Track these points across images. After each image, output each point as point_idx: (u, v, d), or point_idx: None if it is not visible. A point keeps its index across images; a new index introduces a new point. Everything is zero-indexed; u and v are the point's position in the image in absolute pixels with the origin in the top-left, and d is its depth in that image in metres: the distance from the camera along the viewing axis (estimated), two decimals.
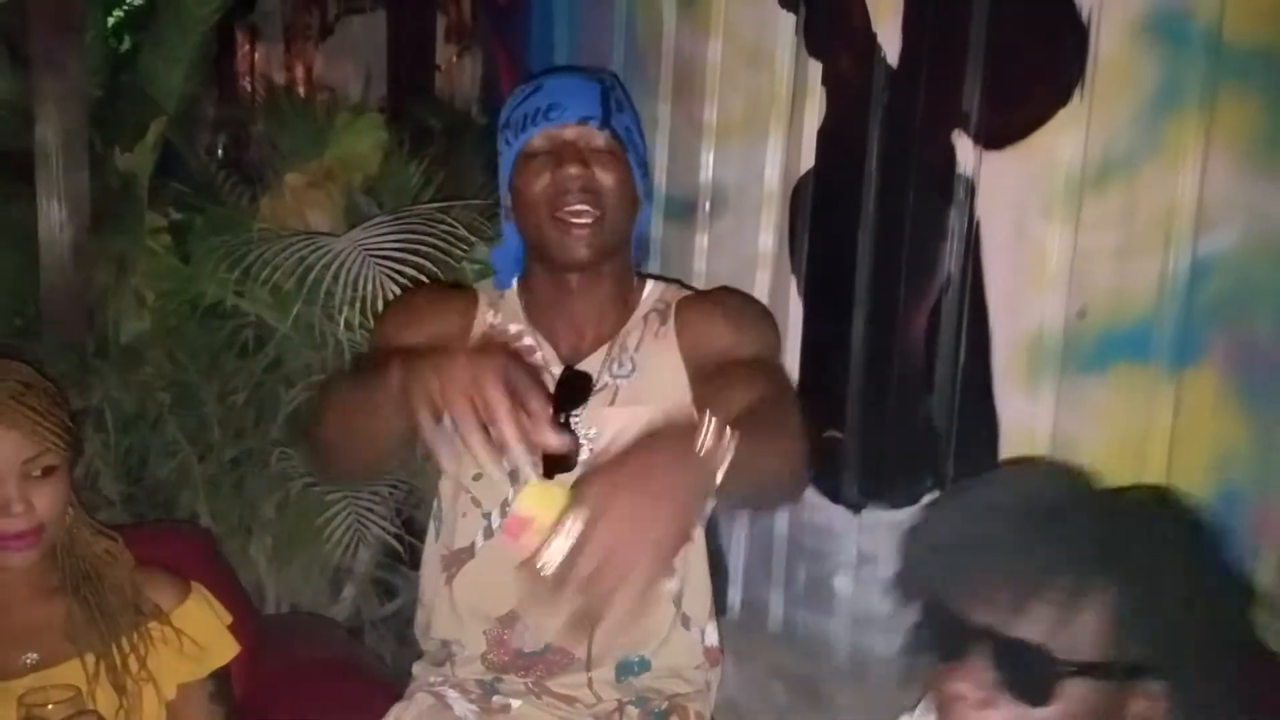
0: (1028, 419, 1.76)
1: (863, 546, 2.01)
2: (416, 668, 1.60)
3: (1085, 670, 1.00)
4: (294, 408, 2.19)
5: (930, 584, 1.10)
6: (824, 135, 2.00)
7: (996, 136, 1.77)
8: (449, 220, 2.07)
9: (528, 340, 1.56)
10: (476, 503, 1.51)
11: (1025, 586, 1.01)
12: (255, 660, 1.70)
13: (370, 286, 1.95)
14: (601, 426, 1.49)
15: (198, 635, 1.51)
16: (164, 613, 1.50)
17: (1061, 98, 1.66)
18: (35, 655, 1.44)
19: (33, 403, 1.40)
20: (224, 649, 1.54)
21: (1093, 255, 1.66)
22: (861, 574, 2.01)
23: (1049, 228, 1.70)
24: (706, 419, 1.06)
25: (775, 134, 2.03)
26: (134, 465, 2.26)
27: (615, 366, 1.54)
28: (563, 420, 1.47)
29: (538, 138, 1.50)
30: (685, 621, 1.54)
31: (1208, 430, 1.59)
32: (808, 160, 2.03)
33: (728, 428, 1.07)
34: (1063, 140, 1.67)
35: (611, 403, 1.52)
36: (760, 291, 2.10)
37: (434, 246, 2.02)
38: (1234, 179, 1.53)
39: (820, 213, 2.04)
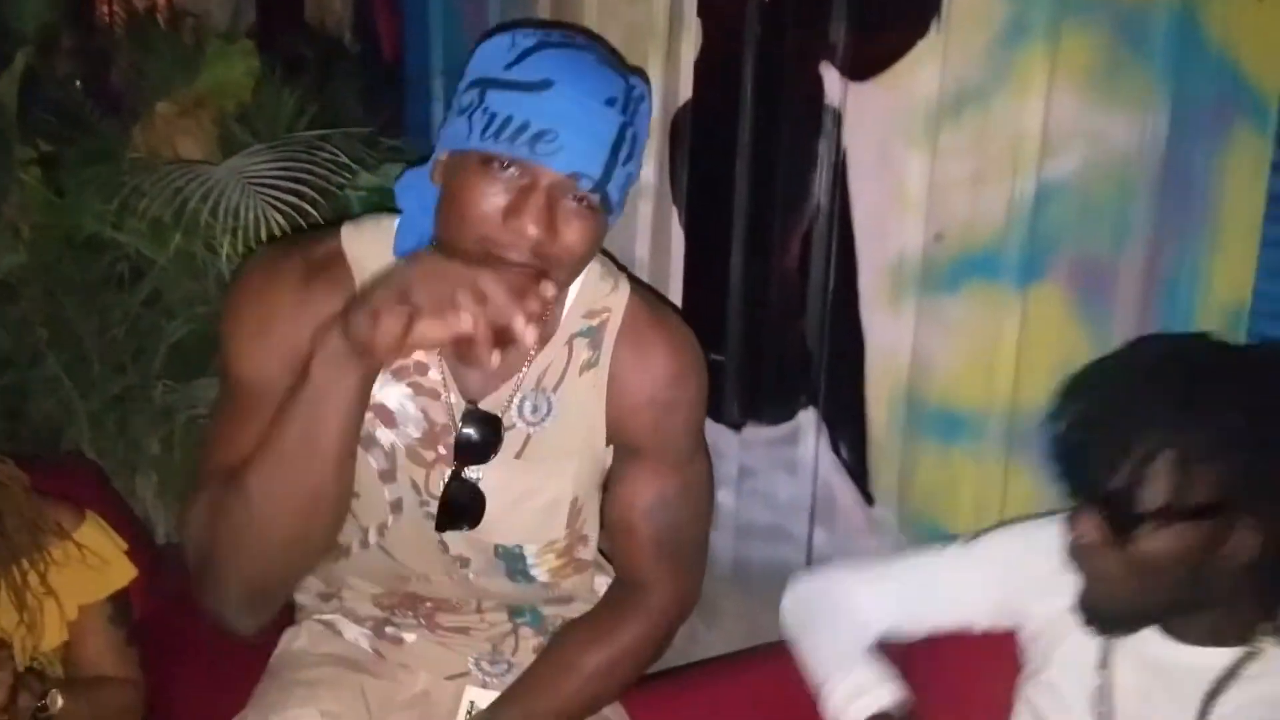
0: (891, 337, 1.85)
1: (744, 462, 2.09)
2: (302, 597, 1.47)
3: (1182, 514, 1.10)
4: (175, 340, 2.16)
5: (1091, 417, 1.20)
6: (700, 67, 2.03)
7: (861, 68, 1.82)
8: (329, 148, 2.03)
9: (418, 354, 1.26)
10: (353, 515, 1.30)
11: (1154, 440, 1.12)
12: (151, 587, 1.71)
13: (251, 215, 1.91)
14: (505, 483, 1.28)
15: (98, 554, 1.52)
16: (65, 530, 1.50)
17: (920, 30, 1.72)
18: None
19: None
20: (122, 571, 1.55)
21: (949, 182, 1.72)
22: (743, 488, 2.10)
23: (910, 156, 1.77)
24: None
25: (654, 65, 2.04)
26: (15, 402, 2.20)
27: (528, 407, 1.27)
28: (459, 475, 1.26)
29: (511, 158, 1.12)
30: (574, 596, 1.46)
31: (1051, 342, 1.67)
32: (686, 91, 2.06)
33: None
34: (921, 72, 1.73)
35: (519, 454, 1.28)
36: (643, 221, 2.14)
37: (316, 175, 1.98)
38: (1076, 108, 1.60)
39: (698, 143, 2.07)
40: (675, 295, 2.13)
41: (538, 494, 1.31)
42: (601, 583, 1.50)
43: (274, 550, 1.12)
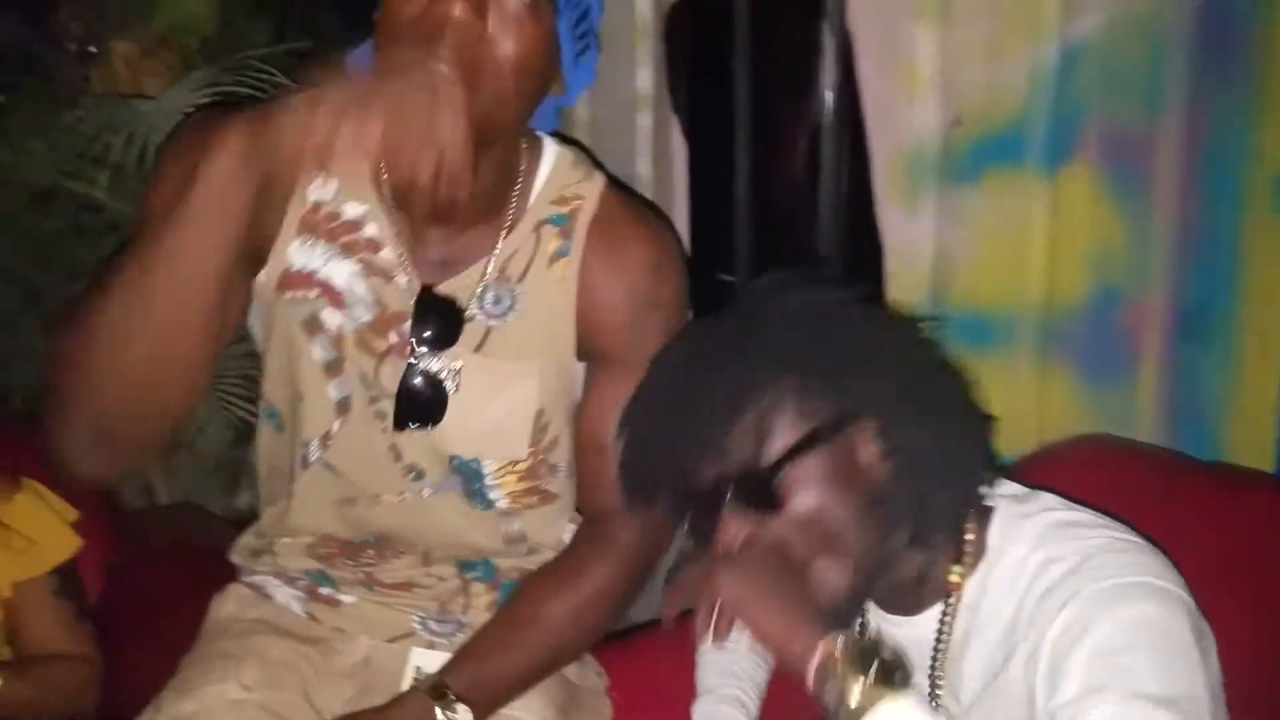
0: (910, 235, 1.74)
1: None
2: (236, 557, 1.37)
3: (796, 450, 0.99)
4: None
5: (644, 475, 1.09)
6: None
7: None
8: (291, 64, 1.89)
9: (370, 229, 1.18)
10: (293, 428, 1.24)
11: (712, 423, 1.00)
12: (113, 556, 1.64)
13: None
14: (463, 380, 1.20)
15: (30, 531, 1.45)
16: None
17: None
18: None
19: None
20: (64, 544, 1.49)
21: (963, 55, 1.62)
22: None
23: (920, 31, 1.65)
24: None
25: None
26: None
27: (490, 298, 1.20)
28: (414, 361, 1.18)
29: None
30: (533, 549, 1.33)
31: (1085, 229, 1.58)
32: None
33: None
34: None
35: (479, 348, 1.20)
36: (643, 136, 2.04)
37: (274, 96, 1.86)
38: None
39: (695, 44, 1.98)
40: (681, 213, 2.05)
41: (498, 395, 1.22)
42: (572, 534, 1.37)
43: (124, 377, 1.03)
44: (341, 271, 1.19)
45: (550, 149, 1.25)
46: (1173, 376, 1.62)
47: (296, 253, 1.19)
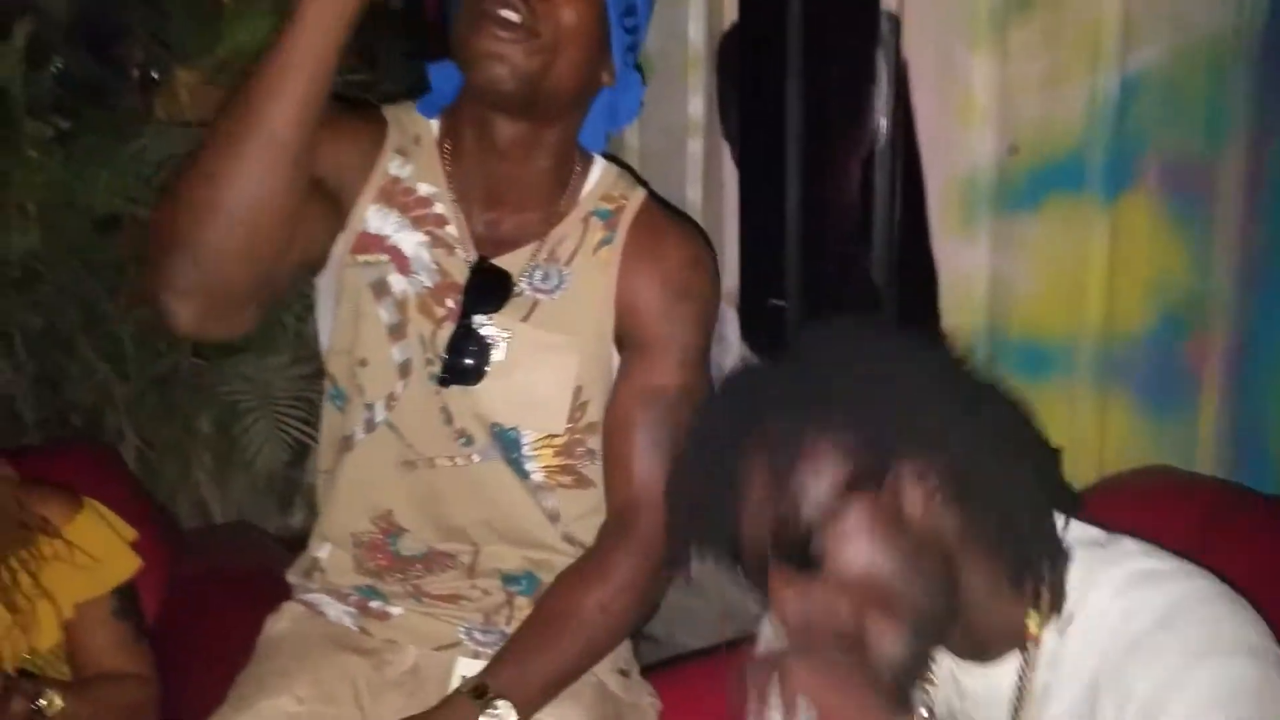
0: (966, 263, 1.73)
1: None
2: (291, 576, 1.44)
3: (836, 502, 0.94)
4: None
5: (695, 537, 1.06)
6: None
7: None
8: (351, 98, 1.93)
9: (439, 207, 1.32)
10: (359, 389, 1.33)
11: (755, 478, 0.97)
12: (170, 576, 1.66)
13: None
14: (510, 341, 1.31)
15: (93, 549, 1.47)
16: (54, 527, 1.46)
17: None
18: None
19: None
20: (124, 564, 1.51)
21: (1021, 85, 1.61)
22: None
23: (976, 60, 1.65)
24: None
25: None
26: (47, 389, 2.18)
27: (539, 275, 1.32)
28: (467, 323, 1.29)
29: None
30: (570, 539, 1.40)
31: (1145, 257, 1.57)
32: (731, 14, 1.98)
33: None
34: None
35: (527, 318, 1.31)
36: (693, 162, 2.07)
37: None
38: None
39: (747, 70, 1.98)
40: (731, 239, 2.05)
41: (540, 366, 1.32)
42: None
43: (219, 221, 1.13)
44: (410, 240, 1.31)
45: (600, 161, 1.38)
46: (1234, 407, 1.60)
47: (373, 217, 1.31)
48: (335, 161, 1.26)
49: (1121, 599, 0.94)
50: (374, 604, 1.37)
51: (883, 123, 1.81)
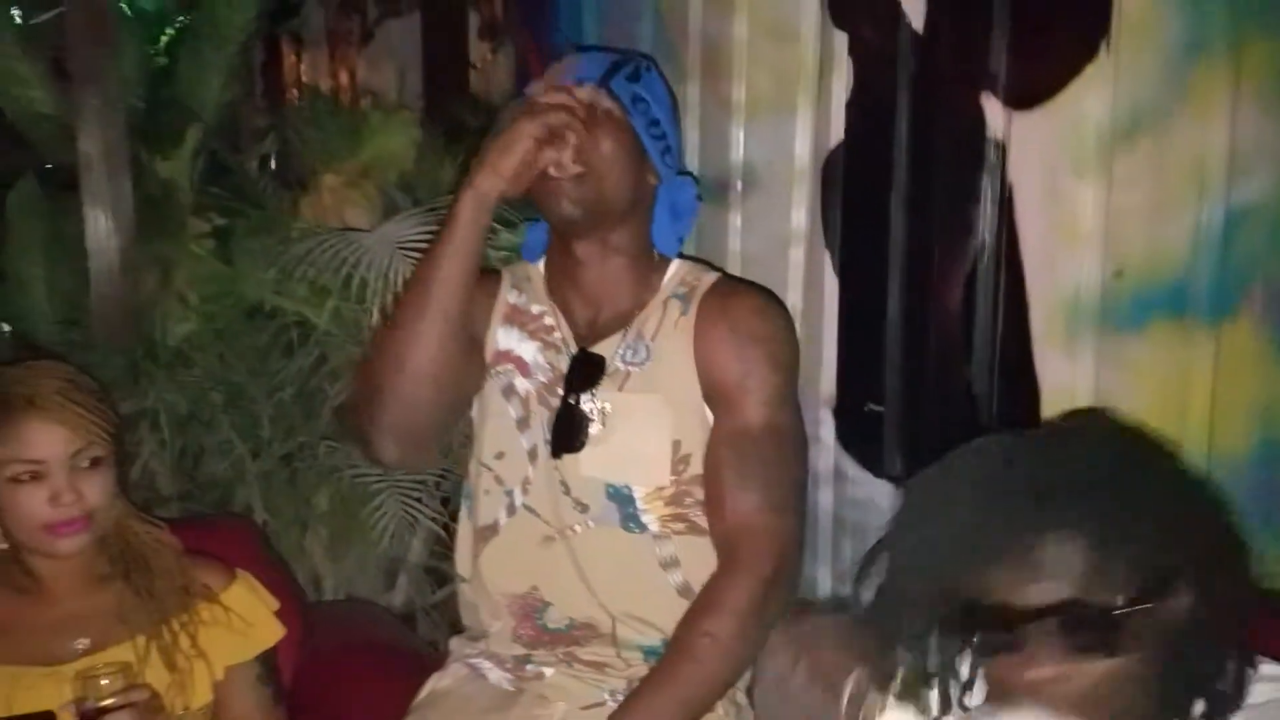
0: (1068, 380, 1.74)
1: None
2: (453, 643, 1.62)
3: (1137, 602, 0.96)
4: (340, 402, 2.23)
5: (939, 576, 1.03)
6: (853, 107, 1.98)
7: (1025, 96, 1.74)
8: None
9: (548, 320, 1.57)
10: (499, 480, 1.54)
11: (1042, 551, 0.97)
12: (303, 646, 1.73)
13: (401, 279, 1.97)
14: (609, 409, 1.50)
15: (244, 616, 1.55)
16: (213, 592, 1.54)
17: (1088, 53, 1.63)
18: (87, 640, 1.49)
19: (78, 399, 1.47)
20: (270, 631, 1.58)
21: (1126, 213, 1.63)
22: None
23: (1081, 186, 1.67)
24: None
25: (804, 108, 2.02)
26: (189, 464, 2.31)
27: (629, 352, 1.52)
28: (571, 401, 1.50)
29: (540, 94, 1.47)
30: (685, 591, 1.50)
31: (1248, 383, 1.57)
32: (837, 133, 2.01)
33: None
34: (1091, 96, 1.64)
35: (621, 388, 1.51)
36: (795, 269, 2.11)
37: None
38: (1263, 125, 1.51)
39: (852, 185, 2.02)
40: (830, 343, 2.07)
41: (639, 426, 1.50)
42: None
43: (407, 378, 1.42)
44: (528, 349, 1.57)
45: (677, 260, 1.60)
46: None
47: (501, 337, 1.57)
48: (471, 315, 1.51)
49: None
50: (529, 667, 1.52)
51: (987, 239, 1.83)
